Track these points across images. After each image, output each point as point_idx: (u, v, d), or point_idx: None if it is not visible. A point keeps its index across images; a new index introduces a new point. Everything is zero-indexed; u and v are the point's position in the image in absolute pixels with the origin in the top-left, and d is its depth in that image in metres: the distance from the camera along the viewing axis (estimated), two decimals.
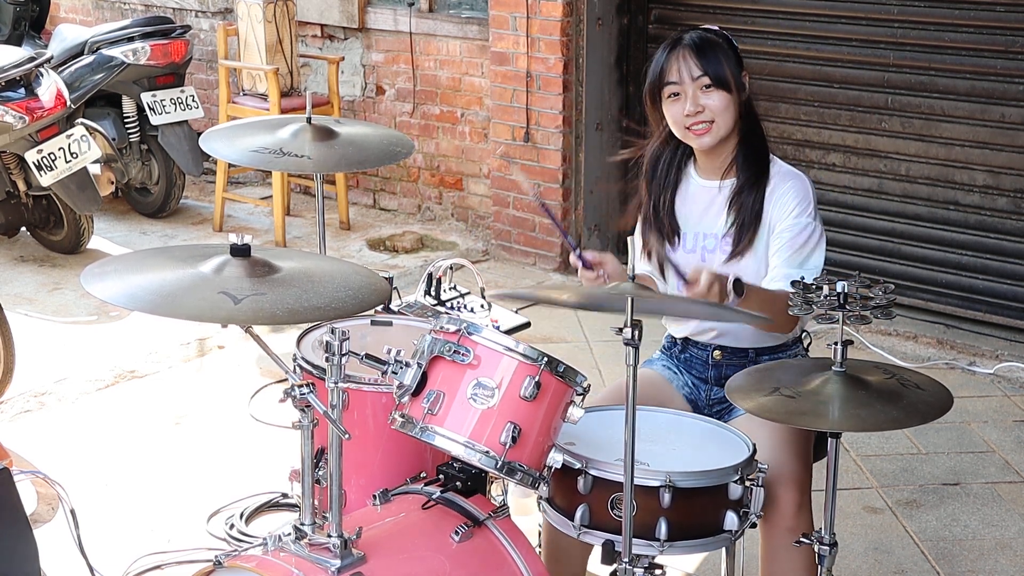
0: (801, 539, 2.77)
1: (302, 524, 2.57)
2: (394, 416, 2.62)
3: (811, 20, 5.89)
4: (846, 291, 2.61)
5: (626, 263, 2.57)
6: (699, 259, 3.17)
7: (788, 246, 3.07)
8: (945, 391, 2.64)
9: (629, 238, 2.55)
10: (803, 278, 2.72)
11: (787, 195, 3.11)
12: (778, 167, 3.18)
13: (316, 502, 2.63)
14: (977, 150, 5.57)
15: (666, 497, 2.62)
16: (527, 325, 3.37)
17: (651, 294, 2.79)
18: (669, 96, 3.12)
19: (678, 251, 3.21)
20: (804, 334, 3.30)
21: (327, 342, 2.48)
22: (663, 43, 3.19)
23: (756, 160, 3.17)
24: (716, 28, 3.23)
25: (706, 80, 3.09)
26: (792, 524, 2.91)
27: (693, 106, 3.08)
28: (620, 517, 2.60)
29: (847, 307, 2.60)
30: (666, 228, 3.22)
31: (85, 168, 6.20)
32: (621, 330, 2.48)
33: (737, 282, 2.86)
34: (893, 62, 5.70)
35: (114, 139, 6.82)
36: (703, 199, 3.21)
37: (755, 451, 2.79)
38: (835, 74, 5.86)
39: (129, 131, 7.08)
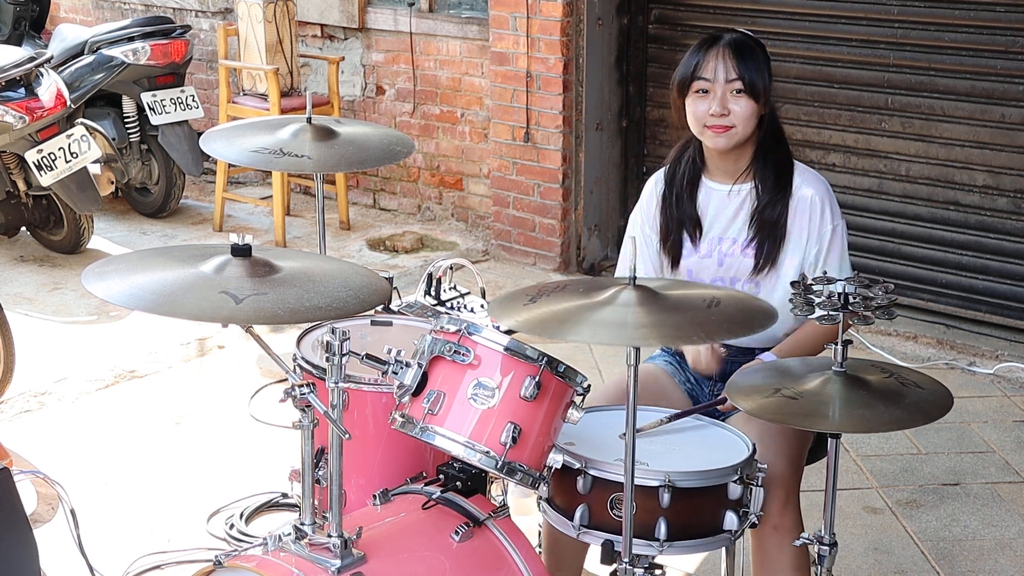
0: (802, 539, 2.77)
1: (302, 524, 2.57)
2: (394, 416, 2.62)
3: (811, 20, 5.89)
4: (846, 291, 2.61)
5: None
6: (716, 263, 3.19)
7: (835, 254, 3.15)
8: (945, 390, 2.64)
9: (631, 238, 2.55)
10: (804, 277, 2.73)
11: (813, 205, 3.15)
12: (800, 175, 3.20)
13: (316, 502, 2.63)
14: (977, 150, 5.57)
15: (666, 497, 2.62)
16: None
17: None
18: (697, 91, 3.13)
19: (692, 256, 3.22)
20: None
21: (327, 342, 2.48)
22: (700, 39, 3.20)
23: (777, 172, 3.18)
24: (750, 33, 3.23)
25: (739, 85, 3.10)
26: (777, 523, 2.92)
27: (719, 107, 3.09)
28: (620, 517, 2.60)
29: (848, 307, 2.60)
30: (689, 220, 3.21)
31: (85, 168, 6.20)
32: None
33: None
34: (893, 62, 5.70)
35: (114, 139, 6.82)
36: (715, 202, 3.22)
37: (755, 451, 2.79)
38: (835, 74, 5.86)
39: (129, 131, 7.08)
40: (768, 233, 3.14)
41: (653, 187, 3.32)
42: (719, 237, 3.20)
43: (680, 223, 3.22)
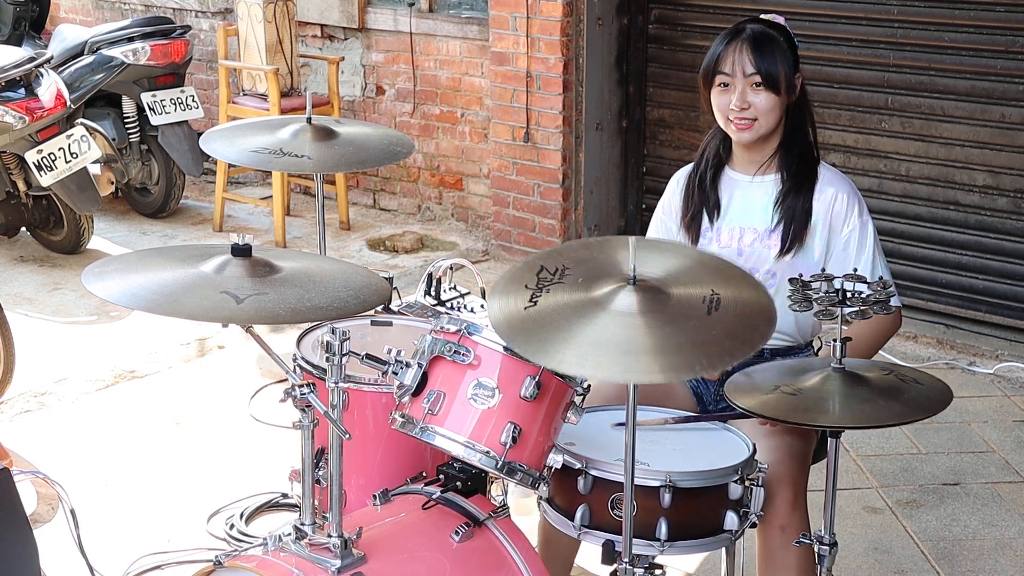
0: (801, 539, 2.77)
1: (302, 524, 2.57)
2: (394, 416, 2.62)
3: (811, 20, 5.88)
4: (844, 287, 2.61)
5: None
6: (735, 253, 3.18)
7: (867, 251, 3.14)
8: (944, 386, 2.64)
9: (630, 238, 2.55)
10: (824, 269, 2.74)
11: (840, 201, 3.14)
12: (824, 172, 3.20)
13: (316, 502, 2.63)
14: (977, 150, 5.57)
15: (666, 497, 2.62)
16: None
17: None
18: (719, 85, 3.15)
19: (712, 246, 3.21)
20: (814, 338, 3.30)
21: (327, 342, 2.48)
22: (725, 30, 3.21)
23: (801, 161, 3.18)
24: (780, 21, 3.25)
25: (757, 79, 3.12)
26: (785, 523, 2.92)
27: (740, 101, 3.11)
28: (620, 517, 2.60)
29: (847, 303, 2.60)
30: (710, 201, 3.23)
31: (85, 168, 6.20)
32: None
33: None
34: (893, 62, 5.70)
35: (114, 139, 6.82)
36: (736, 191, 3.23)
37: (755, 451, 2.79)
38: (835, 74, 5.86)
39: (129, 131, 7.08)
40: (794, 218, 3.14)
41: (676, 184, 3.34)
42: (740, 227, 3.20)
43: (701, 203, 3.24)
